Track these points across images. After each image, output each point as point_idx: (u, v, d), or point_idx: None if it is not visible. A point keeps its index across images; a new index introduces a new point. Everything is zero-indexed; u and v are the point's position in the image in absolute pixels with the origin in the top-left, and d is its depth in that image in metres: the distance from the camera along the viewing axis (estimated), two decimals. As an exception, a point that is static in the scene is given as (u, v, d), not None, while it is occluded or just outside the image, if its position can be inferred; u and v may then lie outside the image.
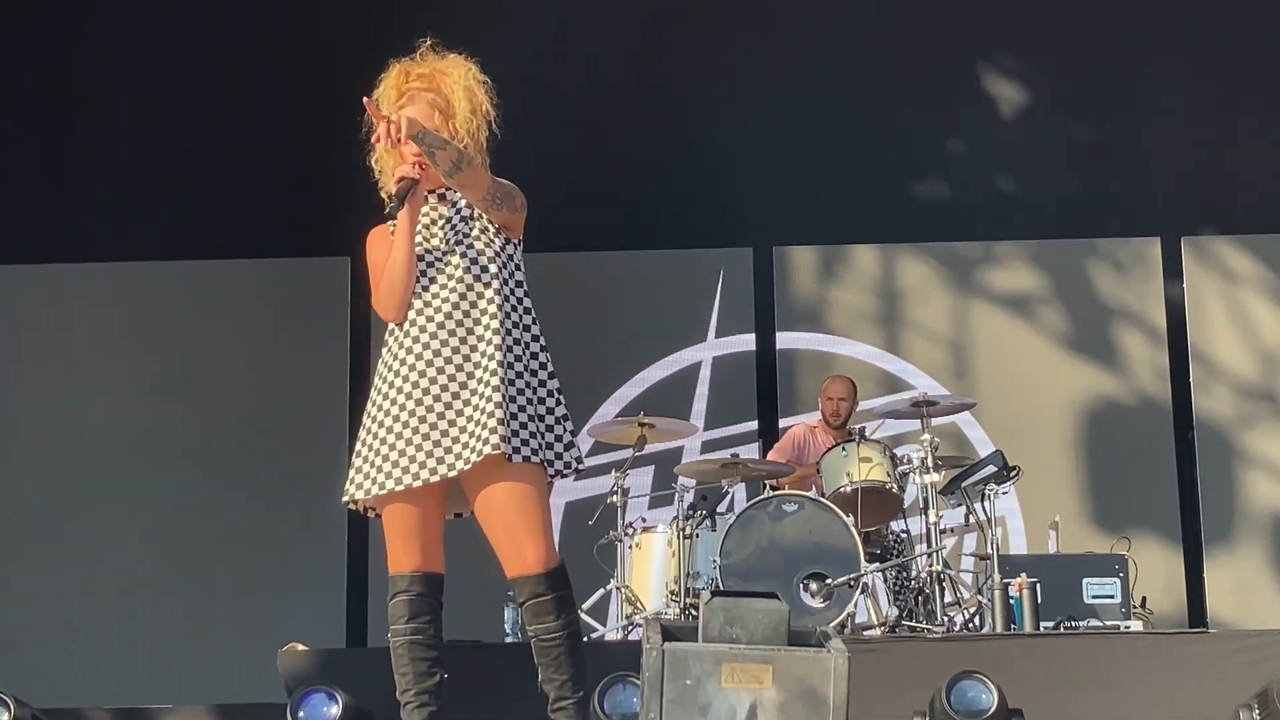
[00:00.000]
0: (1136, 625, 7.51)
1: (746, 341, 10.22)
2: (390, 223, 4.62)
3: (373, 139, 4.49)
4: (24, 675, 8.55)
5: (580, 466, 4.57)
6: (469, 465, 4.41)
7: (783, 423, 9.88)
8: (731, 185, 10.30)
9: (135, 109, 10.30)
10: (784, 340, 10.22)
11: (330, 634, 9.44)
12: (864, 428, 8.43)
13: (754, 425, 10.08)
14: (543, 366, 4.57)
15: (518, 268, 4.62)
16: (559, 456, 4.52)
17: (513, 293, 4.57)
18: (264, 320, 10.22)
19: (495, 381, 4.42)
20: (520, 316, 4.56)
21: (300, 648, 6.90)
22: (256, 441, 10.02)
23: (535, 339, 4.58)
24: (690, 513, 8.03)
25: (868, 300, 10.27)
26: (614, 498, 8.21)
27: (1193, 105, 10.25)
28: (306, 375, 10.12)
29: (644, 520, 8.51)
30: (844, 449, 8.23)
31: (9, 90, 10.31)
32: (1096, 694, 6.40)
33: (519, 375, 4.49)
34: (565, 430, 4.56)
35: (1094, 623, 7.43)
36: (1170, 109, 10.25)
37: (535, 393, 4.53)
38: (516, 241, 4.65)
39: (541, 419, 4.51)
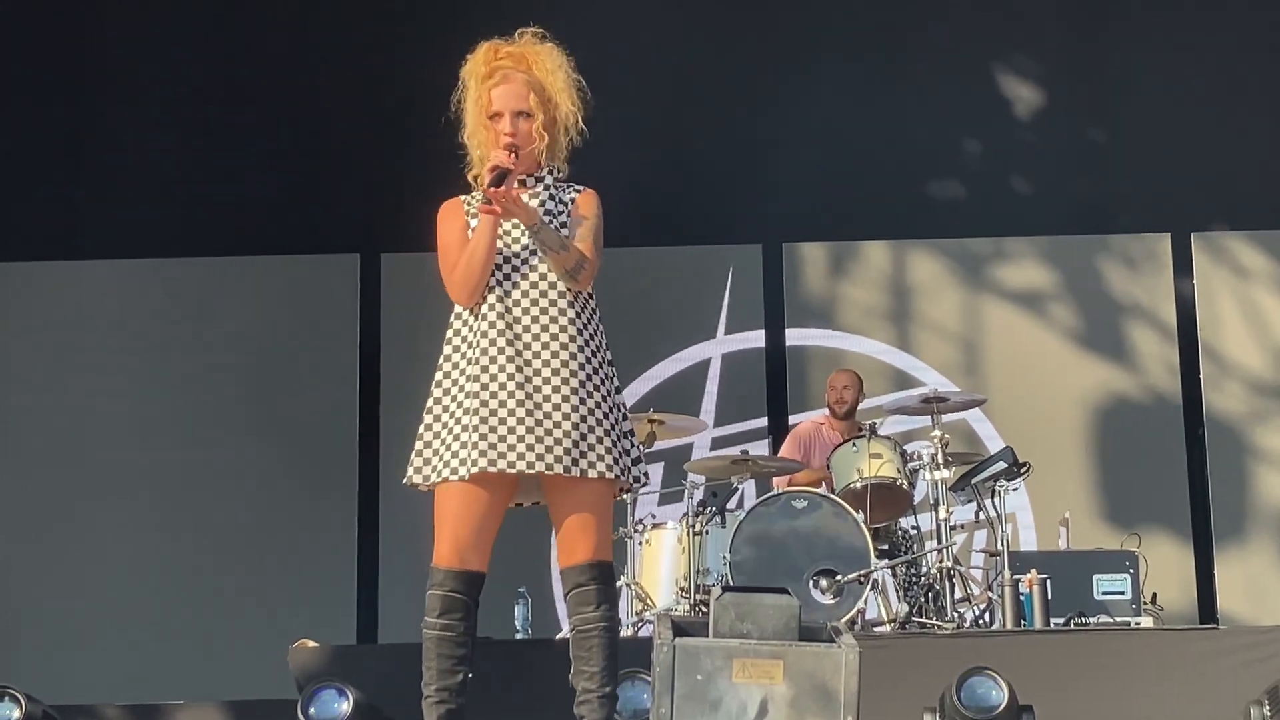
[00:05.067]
0: (1147, 621, 7.50)
1: (756, 338, 10.22)
2: (468, 201, 4.60)
3: (487, 168, 4.47)
4: (34, 671, 8.57)
5: (646, 483, 4.64)
6: (549, 471, 4.43)
7: (792, 419, 9.88)
8: (741, 181, 10.30)
9: (146, 106, 10.31)
10: (794, 337, 10.21)
11: (341, 630, 9.46)
12: (874, 424, 8.42)
13: (764, 422, 10.08)
14: (613, 379, 4.61)
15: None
16: (627, 470, 4.55)
17: (587, 303, 4.60)
18: (274, 317, 10.23)
19: (598, 398, 4.50)
20: (598, 326, 4.61)
21: (311, 644, 6.91)
22: (267, 438, 10.03)
23: (607, 348, 4.63)
24: (700, 509, 8.03)
25: (878, 296, 10.27)
26: (623, 494, 8.19)
27: (1204, 101, 10.23)
28: (316, 372, 10.13)
29: (654, 517, 8.51)
30: (854, 445, 8.23)
31: (21, 89, 10.32)
32: (1107, 690, 6.40)
33: (604, 392, 4.54)
34: (633, 444, 4.60)
35: (1104, 619, 7.42)
36: (1181, 105, 10.23)
37: (617, 409, 4.58)
38: None
39: (624, 432, 4.57)
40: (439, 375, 4.59)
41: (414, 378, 4.72)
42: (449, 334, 4.60)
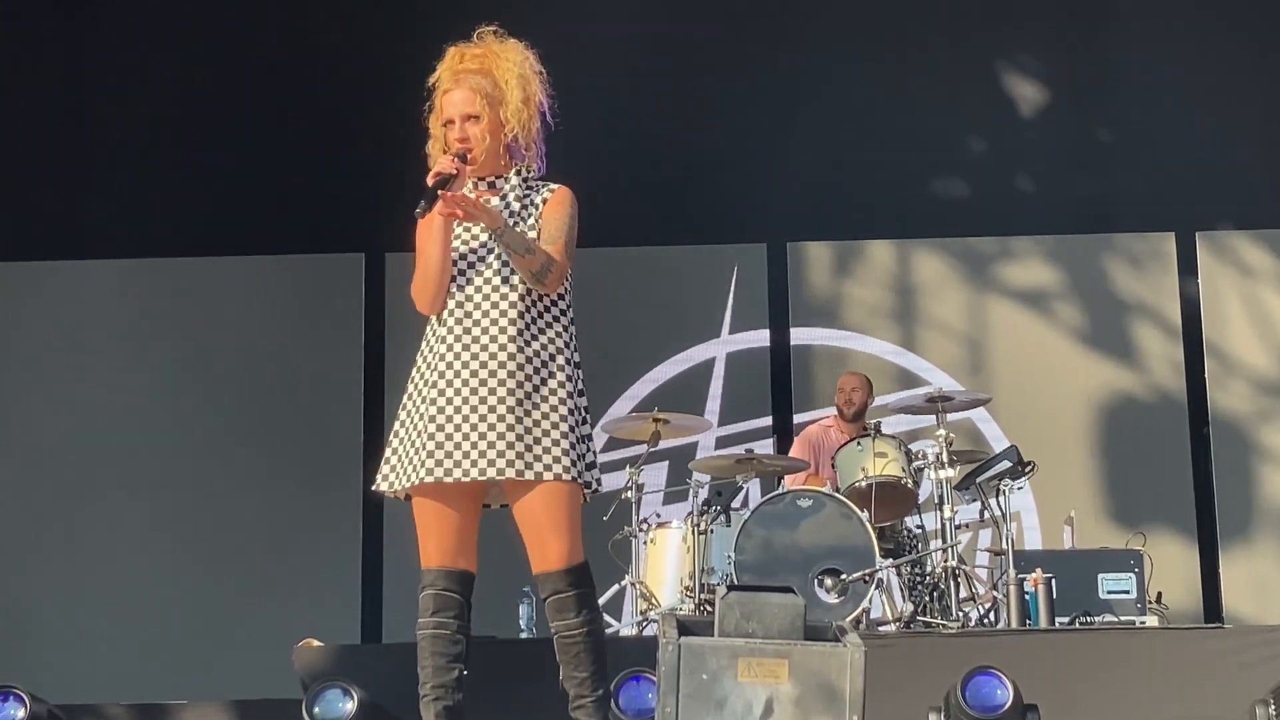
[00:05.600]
0: (1152, 621, 7.50)
1: (761, 337, 10.22)
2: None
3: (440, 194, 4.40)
4: (40, 671, 8.57)
5: (600, 489, 4.61)
6: (501, 476, 4.41)
7: (797, 418, 9.88)
8: (746, 180, 10.30)
9: (150, 105, 10.31)
10: (798, 336, 10.21)
11: (345, 630, 9.46)
12: (879, 423, 8.42)
13: (768, 421, 10.08)
14: (576, 380, 4.56)
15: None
16: (582, 474, 4.51)
17: (555, 304, 4.56)
18: (279, 316, 10.23)
19: (554, 402, 4.46)
20: (566, 326, 4.56)
21: (315, 643, 6.90)
22: (272, 437, 10.04)
23: (576, 351, 4.58)
24: (705, 508, 8.03)
25: (883, 295, 10.26)
26: (628, 493, 8.20)
27: (1208, 100, 10.23)
28: (321, 371, 10.13)
29: (658, 516, 8.51)
30: (859, 444, 8.22)
31: (27, 88, 10.33)
32: (1112, 689, 6.39)
33: (563, 394, 4.48)
34: (590, 449, 4.58)
35: (1109, 618, 7.42)
36: (1185, 104, 10.22)
37: (577, 412, 4.54)
38: None
39: (581, 436, 4.53)
40: (409, 382, 4.60)
41: (418, 377, 4.71)
42: (423, 339, 4.61)
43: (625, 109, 10.01)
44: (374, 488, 4.62)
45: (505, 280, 4.51)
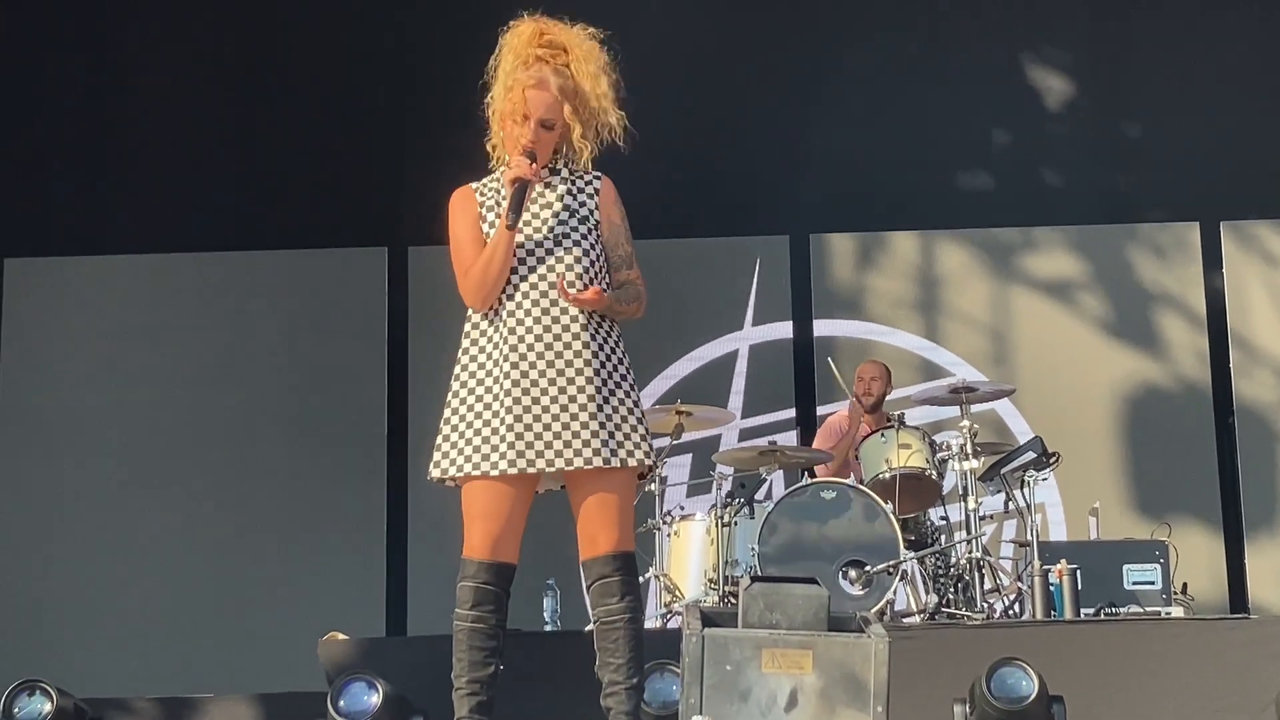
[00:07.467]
0: (1177, 611, 7.48)
1: (784, 329, 10.21)
2: (480, 189, 4.62)
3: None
4: (66, 665, 8.61)
5: (659, 473, 4.68)
6: (588, 465, 4.46)
7: (820, 410, 9.87)
8: (769, 173, 10.29)
9: (174, 101, 10.33)
10: (821, 328, 10.20)
11: (370, 623, 9.47)
12: (903, 414, 8.40)
13: (791, 413, 10.07)
14: (630, 369, 4.64)
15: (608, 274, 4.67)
16: (647, 455, 4.56)
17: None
18: (302, 311, 10.25)
19: (626, 390, 4.55)
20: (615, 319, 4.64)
21: (340, 637, 6.91)
22: (296, 431, 10.06)
23: (621, 340, 4.64)
24: (728, 500, 8.03)
25: (906, 287, 10.24)
26: (651, 486, 8.20)
27: (1232, 90, 10.19)
28: (345, 366, 10.15)
29: (682, 508, 8.52)
30: (883, 435, 8.21)
31: (51, 85, 10.36)
32: (1137, 680, 6.38)
33: (630, 382, 4.58)
34: (649, 435, 4.63)
35: (1134, 609, 7.40)
36: (1210, 94, 10.19)
37: (636, 399, 4.60)
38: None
39: (643, 419, 4.59)
40: (458, 369, 4.61)
41: (442, 370, 4.72)
42: (467, 327, 4.62)
43: (646, 101, 9.96)
44: (428, 477, 4.61)
45: (579, 274, 4.55)
